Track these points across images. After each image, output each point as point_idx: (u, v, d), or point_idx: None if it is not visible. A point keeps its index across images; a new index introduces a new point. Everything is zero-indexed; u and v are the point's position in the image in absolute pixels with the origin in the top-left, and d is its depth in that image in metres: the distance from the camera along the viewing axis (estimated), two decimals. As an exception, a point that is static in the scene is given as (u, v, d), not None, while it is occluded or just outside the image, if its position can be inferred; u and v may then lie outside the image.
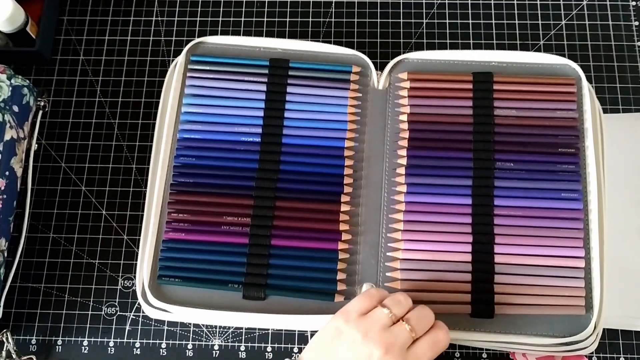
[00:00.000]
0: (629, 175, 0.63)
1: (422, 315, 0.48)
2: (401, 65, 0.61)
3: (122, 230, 0.63)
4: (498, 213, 0.56)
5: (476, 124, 0.58)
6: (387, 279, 0.56)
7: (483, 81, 0.59)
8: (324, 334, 0.47)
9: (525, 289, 0.54)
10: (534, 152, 0.58)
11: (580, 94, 0.59)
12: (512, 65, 0.61)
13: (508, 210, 0.56)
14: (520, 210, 0.56)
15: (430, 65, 0.61)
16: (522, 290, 0.54)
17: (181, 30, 0.70)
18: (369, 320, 0.46)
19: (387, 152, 0.59)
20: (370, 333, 0.45)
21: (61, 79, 0.68)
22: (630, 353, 0.59)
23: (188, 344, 0.60)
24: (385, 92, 0.61)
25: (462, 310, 0.54)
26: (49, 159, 0.66)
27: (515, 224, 0.56)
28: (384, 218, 0.57)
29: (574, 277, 0.55)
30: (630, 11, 0.70)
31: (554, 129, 0.58)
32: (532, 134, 0.58)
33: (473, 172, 0.57)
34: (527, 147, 0.58)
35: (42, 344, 0.60)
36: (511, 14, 0.70)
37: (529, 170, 0.57)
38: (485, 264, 0.55)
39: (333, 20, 0.70)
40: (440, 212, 0.57)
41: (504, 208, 0.56)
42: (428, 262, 0.55)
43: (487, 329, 0.53)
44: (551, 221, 0.56)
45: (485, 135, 0.58)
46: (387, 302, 0.48)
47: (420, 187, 0.57)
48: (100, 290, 0.62)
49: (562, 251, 0.55)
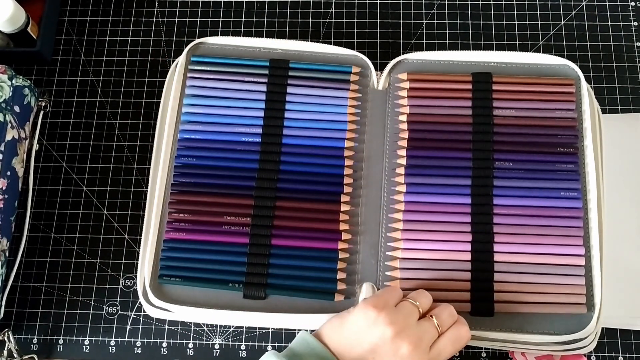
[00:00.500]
0: (628, 176, 0.63)
1: (449, 311, 0.49)
2: (401, 65, 0.61)
3: (123, 230, 0.64)
4: (498, 212, 0.56)
5: (475, 124, 0.59)
6: (387, 278, 0.56)
7: (482, 81, 0.60)
8: (354, 319, 0.47)
9: (526, 287, 0.55)
10: (533, 151, 0.58)
11: (579, 94, 0.60)
12: (511, 65, 0.61)
13: (507, 209, 0.56)
14: (519, 209, 0.56)
15: (430, 65, 0.61)
16: (523, 288, 0.55)
17: (181, 30, 0.70)
18: (402, 312, 0.47)
19: (386, 152, 0.59)
20: (402, 326, 0.46)
21: (62, 79, 0.69)
22: (629, 352, 0.59)
23: (189, 343, 0.60)
24: (385, 93, 0.61)
25: (462, 309, 0.54)
26: (50, 159, 0.66)
27: (515, 222, 0.56)
28: (384, 218, 0.57)
29: (574, 274, 0.55)
30: (630, 11, 0.70)
31: (553, 129, 0.59)
32: (531, 134, 0.58)
33: (472, 171, 0.57)
34: (526, 146, 0.58)
35: (43, 343, 0.61)
36: (511, 14, 0.70)
37: (528, 169, 0.57)
38: (484, 262, 0.55)
39: (333, 20, 0.70)
40: (440, 212, 0.57)
41: (503, 207, 0.56)
42: (428, 262, 0.56)
43: (487, 327, 0.54)
44: (551, 220, 0.56)
45: (485, 135, 0.58)
46: (414, 295, 0.49)
47: (419, 186, 0.57)
48: (102, 290, 0.62)
49: (562, 249, 0.55)
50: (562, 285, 0.55)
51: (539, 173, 0.57)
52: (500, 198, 0.57)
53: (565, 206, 0.56)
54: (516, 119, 0.59)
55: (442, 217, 0.57)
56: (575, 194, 0.56)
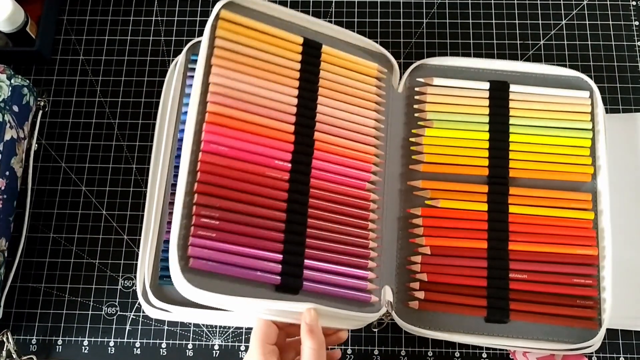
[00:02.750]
0: (629, 175, 0.63)
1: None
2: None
3: (122, 230, 0.63)
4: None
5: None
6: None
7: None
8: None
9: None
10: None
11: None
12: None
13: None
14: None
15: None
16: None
17: (181, 30, 0.70)
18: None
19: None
20: None
21: (61, 79, 0.68)
22: (630, 353, 0.59)
23: (188, 344, 0.60)
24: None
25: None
26: (49, 159, 0.66)
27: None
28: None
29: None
30: (631, 11, 0.70)
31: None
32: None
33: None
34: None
35: (42, 343, 0.60)
36: (511, 14, 0.70)
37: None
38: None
39: (333, 20, 0.70)
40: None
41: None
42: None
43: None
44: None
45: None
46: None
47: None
48: (101, 290, 0.62)
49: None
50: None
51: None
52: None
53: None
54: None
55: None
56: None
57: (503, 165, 0.58)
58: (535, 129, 0.59)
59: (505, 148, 0.59)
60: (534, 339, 0.54)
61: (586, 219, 0.57)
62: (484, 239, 0.56)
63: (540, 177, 0.58)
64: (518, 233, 0.56)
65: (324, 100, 0.57)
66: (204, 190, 0.50)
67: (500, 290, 0.55)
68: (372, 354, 0.60)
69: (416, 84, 0.61)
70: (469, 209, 0.57)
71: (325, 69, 0.58)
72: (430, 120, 0.60)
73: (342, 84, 0.59)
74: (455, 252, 0.56)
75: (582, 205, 0.58)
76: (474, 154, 0.59)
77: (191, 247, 0.48)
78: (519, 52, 0.68)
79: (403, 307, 0.55)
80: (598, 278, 0.56)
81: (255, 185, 0.52)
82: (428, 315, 0.55)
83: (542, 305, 0.55)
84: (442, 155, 0.59)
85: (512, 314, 0.54)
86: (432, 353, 0.60)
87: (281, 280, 0.50)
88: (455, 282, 0.55)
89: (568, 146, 0.59)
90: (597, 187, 0.58)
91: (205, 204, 0.50)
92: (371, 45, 0.61)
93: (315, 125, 0.56)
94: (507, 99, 0.60)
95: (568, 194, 0.58)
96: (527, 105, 0.60)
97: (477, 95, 0.60)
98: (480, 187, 0.58)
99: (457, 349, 0.60)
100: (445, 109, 0.60)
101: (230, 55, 0.55)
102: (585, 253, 0.56)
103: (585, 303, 0.55)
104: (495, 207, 0.57)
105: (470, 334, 0.54)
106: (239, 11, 0.56)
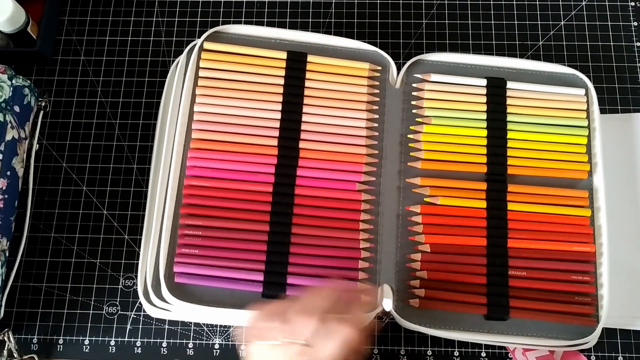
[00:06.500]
0: (627, 175, 0.63)
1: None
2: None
3: (123, 230, 0.64)
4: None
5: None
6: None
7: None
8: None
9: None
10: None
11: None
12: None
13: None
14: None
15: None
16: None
17: (181, 30, 0.70)
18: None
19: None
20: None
21: (62, 79, 0.69)
22: (628, 352, 0.59)
23: (189, 343, 0.60)
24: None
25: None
26: (50, 159, 0.66)
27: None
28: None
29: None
30: (629, 12, 0.70)
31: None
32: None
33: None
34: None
35: (43, 343, 0.61)
36: (510, 14, 0.70)
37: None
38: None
39: (333, 20, 0.70)
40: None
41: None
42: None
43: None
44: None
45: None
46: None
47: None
48: (102, 290, 0.62)
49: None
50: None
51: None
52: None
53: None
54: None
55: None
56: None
57: (501, 163, 0.58)
58: (532, 126, 0.60)
59: (503, 145, 0.59)
60: (531, 336, 0.54)
61: (583, 216, 0.57)
62: (483, 236, 0.56)
63: (538, 174, 0.58)
64: (516, 230, 0.57)
65: (310, 109, 0.59)
66: (188, 212, 0.55)
67: (500, 288, 0.55)
68: (371, 353, 0.60)
69: (414, 79, 0.61)
70: (468, 206, 0.57)
71: (312, 78, 0.60)
72: (428, 116, 0.60)
73: (329, 90, 0.59)
74: (455, 250, 0.56)
75: (579, 202, 0.58)
76: (472, 150, 0.59)
77: (176, 264, 0.54)
78: (518, 53, 0.69)
79: (403, 305, 0.55)
80: (595, 275, 0.56)
81: (238, 201, 0.56)
82: (428, 313, 0.55)
83: (541, 302, 0.55)
84: (440, 152, 0.59)
85: (512, 312, 0.54)
86: (432, 352, 0.60)
87: (263, 288, 0.53)
88: (455, 280, 0.55)
89: (564, 143, 0.59)
90: (593, 184, 0.58)
91: (189, 224, 0.55)
92: (361, 45, 0.61)
93: (300, 135, 0.58)
94: (505, 95, 0.60)
95: (565, 191, 0.58)
96: (524, 102, 0.60)
97: (475, 91, 0.61)
98: (479, 185, 0.58)
99: (457, 348, 0.60)
100: (443, 105, 0.60)
101: (213, 83, 0.59)
102: (582, 250, 0.56)
103: (583, 300, 0.55)
104: (494, 205, 0.57)
105: (469, 331, 0.54)
106: (222, 39, 0.60)
